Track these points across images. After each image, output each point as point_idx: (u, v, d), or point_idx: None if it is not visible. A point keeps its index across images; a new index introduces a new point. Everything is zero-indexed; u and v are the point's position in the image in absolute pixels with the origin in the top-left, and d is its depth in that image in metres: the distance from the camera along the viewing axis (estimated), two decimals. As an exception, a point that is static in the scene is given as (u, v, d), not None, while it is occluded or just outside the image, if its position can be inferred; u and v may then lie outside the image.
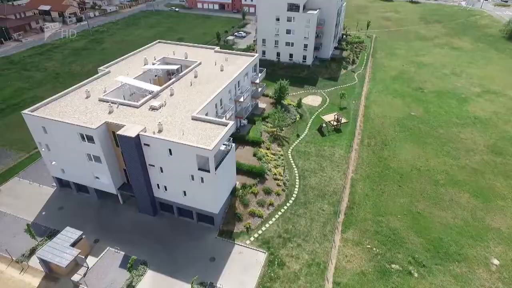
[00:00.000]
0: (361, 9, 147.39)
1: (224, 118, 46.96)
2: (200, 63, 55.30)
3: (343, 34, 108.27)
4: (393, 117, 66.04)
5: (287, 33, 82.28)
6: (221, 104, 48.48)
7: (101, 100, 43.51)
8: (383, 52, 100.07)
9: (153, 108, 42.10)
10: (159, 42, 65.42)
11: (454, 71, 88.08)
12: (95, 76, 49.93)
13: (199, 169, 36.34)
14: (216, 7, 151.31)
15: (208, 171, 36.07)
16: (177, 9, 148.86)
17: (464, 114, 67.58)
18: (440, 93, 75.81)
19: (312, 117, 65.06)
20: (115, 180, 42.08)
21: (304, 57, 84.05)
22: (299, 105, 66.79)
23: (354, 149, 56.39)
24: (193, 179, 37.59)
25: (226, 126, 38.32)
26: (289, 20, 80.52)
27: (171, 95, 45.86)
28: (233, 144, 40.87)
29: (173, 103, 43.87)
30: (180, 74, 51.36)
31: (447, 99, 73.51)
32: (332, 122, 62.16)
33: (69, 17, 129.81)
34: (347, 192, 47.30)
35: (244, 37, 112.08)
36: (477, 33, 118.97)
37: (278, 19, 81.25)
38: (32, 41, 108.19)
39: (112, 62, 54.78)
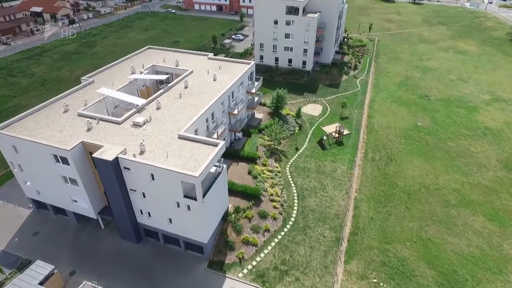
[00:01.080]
0: (363, 11, 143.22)
1: (216, 134, 42.96)
2: (191, 72, 51.34)
3: (344, 37, 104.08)
4: (398, 128, 61.96)
5: (286, 37, 78.14)
6: (212, 118, 44.44)
7: (80, 115, 39.59)
8: (386, 57, 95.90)
9: (136, 125, 38.14)
10: (149, 48, 61.34)
11: (461, 76, 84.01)
12: (76, 87, 46.05)
13: (185, 196, 32.40)
14: (214, 8, 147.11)
15: (195, 199, 32.11)
16: (173, 11, 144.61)
17: (473, 124, 63.51)
18: (447, 101, 71.74)
19: (312, 128, 60.93)
20: (95, 204, 38.05)
21: (304, 63, 79.88)
22: (298, 115, 62.59)
23: (357, 164, 52.33)
24: (178, 206, 33.61)
25: (216, 146, 34.33)
26: (288, 23, 76.39)
27: (158, 108, 41.83)
28: (224, 166, 36.87)
29: (159, 119, 39.86)
30: (169, 85, 47.34)
31: (455, 107, 69.44)
32: (333, 134, 58.16)
33: (61, 18, 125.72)
34: (350, 215, 43.23)
35: (242, 40, 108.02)
36: (483, 36, 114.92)
37: (276, 23, 77.15)
38: (21, 44, 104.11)
39: (97, 71, 50.86)
